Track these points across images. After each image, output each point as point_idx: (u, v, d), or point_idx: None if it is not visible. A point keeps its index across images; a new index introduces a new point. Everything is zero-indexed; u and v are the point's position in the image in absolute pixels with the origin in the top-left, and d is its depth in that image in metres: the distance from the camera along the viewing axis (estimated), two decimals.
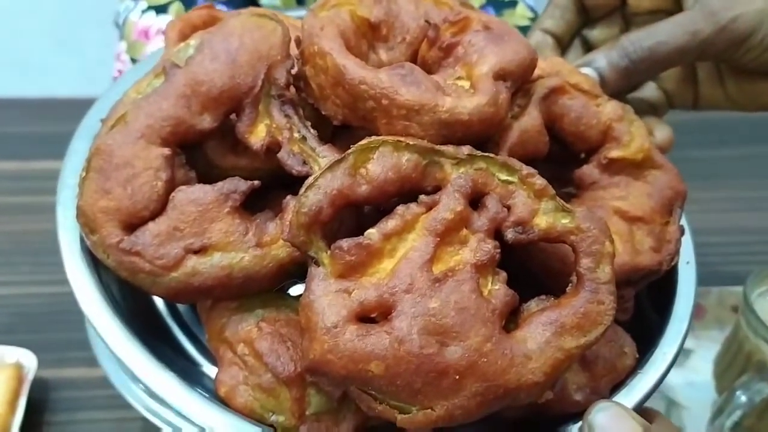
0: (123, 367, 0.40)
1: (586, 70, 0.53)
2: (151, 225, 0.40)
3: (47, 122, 0.86)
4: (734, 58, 0.53)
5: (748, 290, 0.62)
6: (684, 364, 0.68)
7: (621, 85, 0.53)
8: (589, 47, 0.61)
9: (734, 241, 0.82)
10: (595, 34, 0.61)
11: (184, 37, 0.49)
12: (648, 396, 0.41)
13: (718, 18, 0.51)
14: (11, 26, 1.61)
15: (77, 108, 0.50)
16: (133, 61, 0.63)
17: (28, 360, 0.61)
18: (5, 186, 0.82)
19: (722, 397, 0.55)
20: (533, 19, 0.82)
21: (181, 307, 0.51)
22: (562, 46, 0.60)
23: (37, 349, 0.62)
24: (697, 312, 0.71)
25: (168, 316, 0.50)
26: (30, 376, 0.60)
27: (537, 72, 0.48)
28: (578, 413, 0.39)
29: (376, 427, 0.41)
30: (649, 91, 0.60)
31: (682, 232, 0.46)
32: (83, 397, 0.63)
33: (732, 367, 0.64)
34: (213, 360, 0.43)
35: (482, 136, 0.42)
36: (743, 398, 0.54)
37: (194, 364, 0.47)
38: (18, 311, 0.69)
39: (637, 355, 0.43)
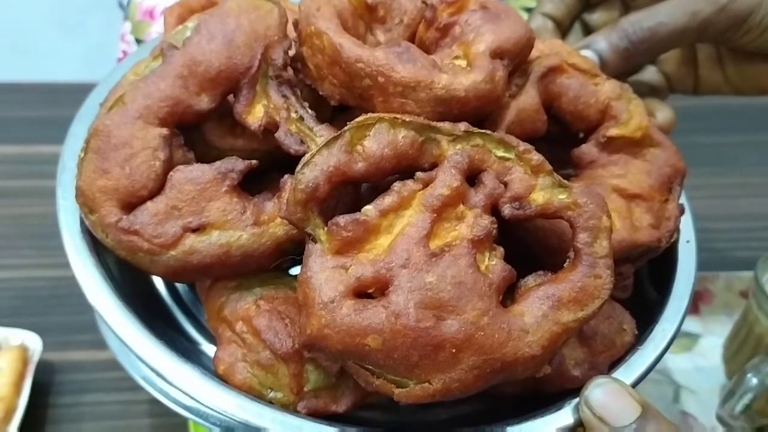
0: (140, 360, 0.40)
1: (586, 53, 0.53)
2: (149, 204, 0.40)
3: (49, 106, 0.86)
4: (733, 39, 0.53)
5: (760, 273, 0.62)
6: (692, 349, 0.68)
7: (621, 67, 0.53)
8: (589, 31, 0.61)
9: (742, 227, 0.82)
10: (595, 17, 0.61)
11: (182, 21, 0.49)
12: (647, 373, 0.41)
13: None
14: (13, 10, 1.60)
15: (79, 92, 0.50)
16: (138, 41, 0.63)
17: (33, 342, 0.61)
18: (7, 170, 0.82)
19: (733, 380, 0.55)
20: None
21: (181, 289, 0.51)
22: (563, 30, 0.60)
23: (43, 332, 0.62)
24: (705, 297, 0.71)
25: (168, 298, 0.50)
26: (35, 358, 0.60)
27: (536, 54, 0.48)
28: (576, 389, 0.39)
29: (373, 405, 0.41)
30: (650, 74, 0.60)
31: (681, 210, 0.46)
32: (88, 379, 0.63)
33: (742, 350, 0.64)
34: (213, 340, 0.43)
35: (479, 113, 0.42)
36: (754, 381, 0.53)
37: (194, 344, 0.48)
38: (23, 294, 0.70)
39: (637, 332, 0.43)
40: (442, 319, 0.35)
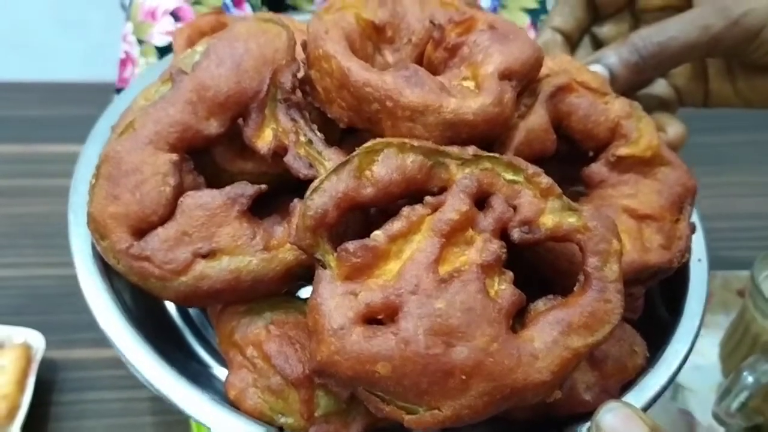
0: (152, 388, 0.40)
1: (596, 67, 0.52)
2: (160, 230, 0.40)
3: (50, 106, 0.86)
4: (745, 53, 0.53)
5: (756, 272, 0.62)
6: None
7: (631, 81, 0.53)
8: (598, 44, 0.60)
9: (739, 226, 0.82)
10: (604, 31, 0.61)
11: (192, 43, 0.49)
12: (659, 395, 0.41)
13: (730, 13, 0.51)
14: (14, 8, 1.60)
15: (80, 92, 0.51)
16: (140, 42, 0.64)
17: (36, 340, 0.62)
18: (8, 169, 0.82)
19: (729, 378, 0.55)
20: (542, 1, 0.82)
21: (192, 311, 0.51)
22: (572, 43, 0.60)
23: (46, 330, 0.62)
24: None
25: (179, 320, 0.50)
26: (38, 356, 0.61)
27: (544, 71, 0.47)
28: (588, 413, 0.39)
29: (385, 429, 0.41)
30: (660, 87, 0.60)
31: (693, 229, 0.46)
32: (91, 377, 0.64)
33: (739, 349, 0.64)
34: (224, 363, 0.43)
35: (488, 136, 0.42)
36: (750, 379, 0.54)
37: (206, 367, 0.48)
38: (26, 293, 0.70)
39: (648, 354, 0.43)
40: (451, 346, 0.35)
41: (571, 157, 0.48)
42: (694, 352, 0.67)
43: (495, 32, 0.45)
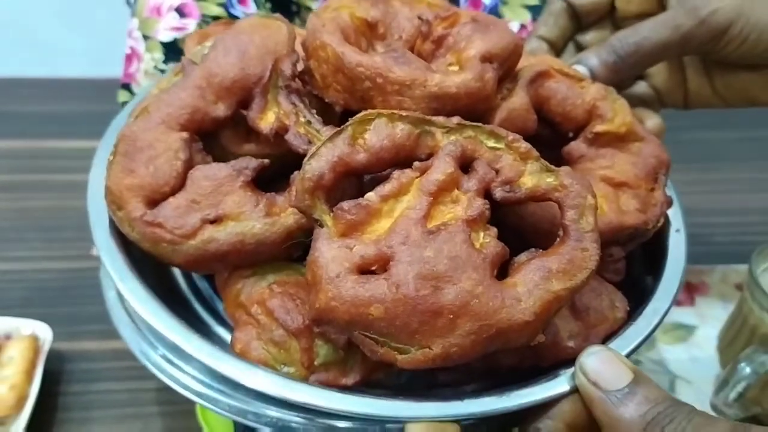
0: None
1: (577, 67, 0.56)
2: (171, 199, 0.44)
3: (55, 101, 0.88)
4: (716, 50, 0.56)
5: (754, 265, 0.64)
6: (688, 340, 0.70)
7: (611, 80, 0.57)
8: (581, 51, 0.64)
9: (737, 221, 0.85)
10: (587, 38, 0.65)
11: None
12: (639, 345, 0.43)
13: (698, 12, 0.55)
14: (20, 6, 1.60)
15: (84, 88, 0.53)
16: (146, 38, 0.67)
17: (44, 332, 0.64)
18: (14, 164, 0.83)
19: (726, 370, 0.56)
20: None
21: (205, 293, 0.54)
22: (557, 51, 0.64)
23: (53, 322, 0.64)
24: (701, 289, 0.73)
25: (189, 293, 0.53)
26: (45, 348, 0.62)
27: (526, 64, 0.51)
28: (571, 360, 0.41)
29: (382, 384, 0.44)
30: (641, 88, 0.63)
31: (670, 201, 0.49)
32: (98, 368, 0.66)
33: (736, 340, 0.65)
34: (231, 329, 0.46)
35: (471, 110, 0.45)
36: (747, 370, 0.55)
37: (213, 333, 0.50)
38: (33, 286, 0.72)
39: (628, 309, 0.45)
40: (439, 289, 0.38)
41: (552, 143, 0.52)
42: (693, 344, 0.69)
43: (477, 23, 0.49)
